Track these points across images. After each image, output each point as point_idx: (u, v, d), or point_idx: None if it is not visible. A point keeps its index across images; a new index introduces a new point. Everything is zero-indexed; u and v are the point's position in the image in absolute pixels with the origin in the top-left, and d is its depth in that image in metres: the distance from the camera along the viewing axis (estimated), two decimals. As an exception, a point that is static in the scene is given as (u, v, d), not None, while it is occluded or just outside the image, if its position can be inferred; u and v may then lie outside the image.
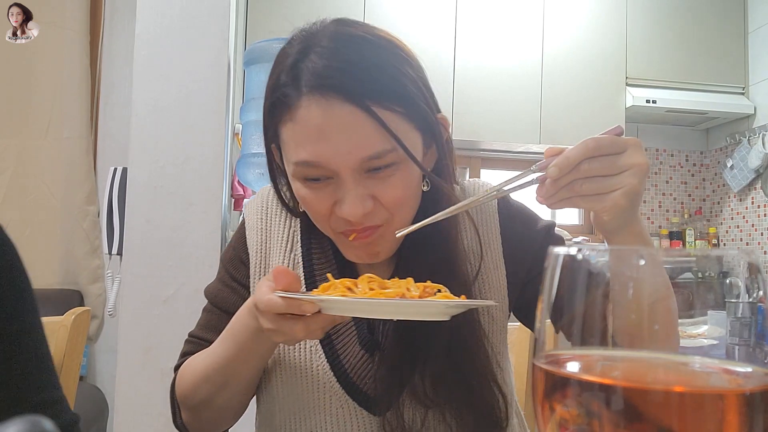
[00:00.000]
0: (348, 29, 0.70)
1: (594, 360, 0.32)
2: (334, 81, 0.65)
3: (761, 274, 0.31)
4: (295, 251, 0.83)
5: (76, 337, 1.26)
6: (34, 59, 2.62)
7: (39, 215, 2.58)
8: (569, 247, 0.33)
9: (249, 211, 0.88)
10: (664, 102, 3.34)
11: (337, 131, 0.66)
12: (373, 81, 0.67)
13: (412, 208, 0.74)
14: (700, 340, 0.35)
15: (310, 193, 0.70)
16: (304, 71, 0.67)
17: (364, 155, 0.66)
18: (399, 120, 0.68)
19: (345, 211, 0.68)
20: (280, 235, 0.84)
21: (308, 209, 0.73)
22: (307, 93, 0.66)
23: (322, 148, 0.66)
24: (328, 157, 0.66)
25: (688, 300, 0.32)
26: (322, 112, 0.66)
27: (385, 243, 0.73)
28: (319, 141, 0.66)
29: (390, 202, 0.69)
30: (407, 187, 0.71)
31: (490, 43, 3.28)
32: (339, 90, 0.65)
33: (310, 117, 0.66)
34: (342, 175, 0.67)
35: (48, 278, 2.55)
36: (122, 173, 1.66)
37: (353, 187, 0.68)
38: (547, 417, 0.32)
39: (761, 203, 3.41)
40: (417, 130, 0.71)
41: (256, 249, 0.84)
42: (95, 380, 2.62)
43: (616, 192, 0.59)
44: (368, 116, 0.65)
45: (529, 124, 3.29)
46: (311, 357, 0.77)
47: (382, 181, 0.69)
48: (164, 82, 1.63)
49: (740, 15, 3.55)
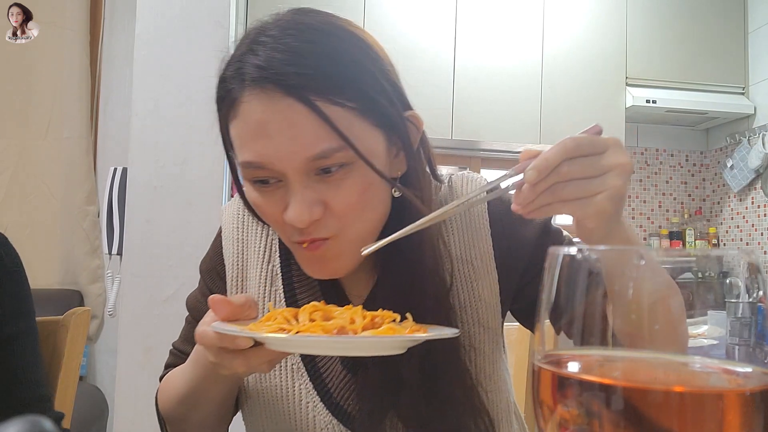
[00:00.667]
0: (301, 18, 0.64)
1: (594, 360, 0.32)
2: (274, 72, 0.59)
3: (761, 274, 0.31)
4: (273, 262, 0.78)
5: (76, 337, 1.26)
6: (34, 59, 2.62)
7: (39, 215, 2.58)
8: (569, 247, 0.33)
9: (225, 219, 0.82)
10: (664, 102, 3.34)
11: (279, 128, 0.60)
12: (319, 72, 0.60)
13: (372, 219, 0.67)
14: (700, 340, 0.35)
15: (260, 197, 0.65)
16: (247, 63, 0.61)
17: (308, 155, 0.60)
18: (350, 116, 0.61)
19: (289, 215, 0.61)
20: (258, 245, 0.79)
21: (261, 215, 0.68)
22: (249, 86, 0.61)
23: (264, 147, 0.61)
24: (270, 156, 0.61)
25: (688, 300, 0.32)
26: (263, 108, 0.60)
27: (341, 258, 0.66)
28: (260, 139, 0.61)
29: (342, 209, 0.63)
30: (362, 192, 0.63)
31: (490, 43, 3.28)
32: (279, 82, 0.59)
33: (251, 113, 0.61)
34: (289, 176, 0.61)
35: (48, 278, 2.55)
36: (122, 173, 1.67)
37: (300, 190, 0.61)
38: (547, 417, 0.32)
39: (761, 203, 3.41)
40: (377, 129, 0.65)
41: (232, 261, 0.80)
42: (95, 380, 2.62)
43: (601, 195, 0.54)
44: (311, 111, 0.59)
45: (529, 124, 3.29)
46: (294, 376, 0.75)
47: (334, 186, 0.62)
48: (164, 82, 1.63)
49: (740, 15, 3.55)
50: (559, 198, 0.55)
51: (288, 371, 0.75)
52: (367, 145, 0.63)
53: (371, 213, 0.66)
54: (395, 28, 3.12)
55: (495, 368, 0.77)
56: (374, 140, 0.64)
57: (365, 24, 3.09)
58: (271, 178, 0.63)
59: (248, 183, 0.66)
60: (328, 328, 0.54)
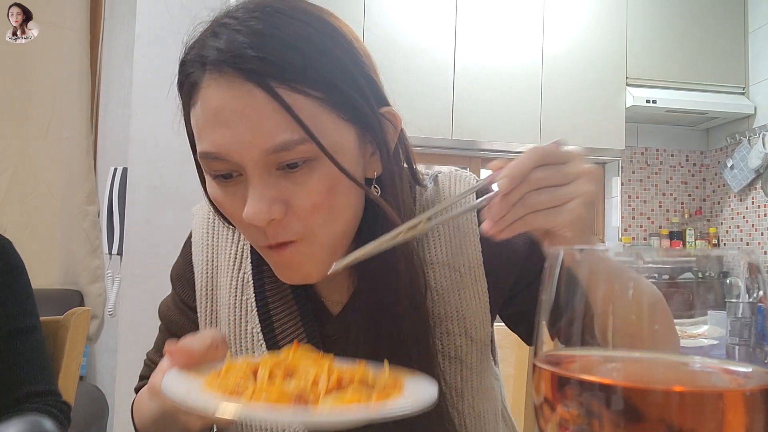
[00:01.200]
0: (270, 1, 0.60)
1: (594, 360, 0.32)
2: (234, 56, 0.55)
3: (761, 274, 0.31)
4: (245, 270, 0.72)
5: (76, 337, 1.26)
6: (34, 59, 2.62)
7: (39, 215, 2.58)
8: (569, 247, 0.33)
9: (195, 222, 0.77)
10: (664, 102, 3.34)
11: (237, 116, 0.55)
12: (282, 58, 0.55)
13: (342, 222, 0.61)
14: (700, 340, 0.35)
15: (222, 194, 0.60)
16: (208, 46, 0.57)
17: (267, 146, 0.55)
18: (315, 107, 0.56)
19: (246, 212, 0.56)
20: (228, 251, 0.74)
21: (225, 214, 0.63)
22: (209, 70, 0.56)
23: (222, 137, 0.56)
24: (227, 147, 0.56)
25: (688, 300, 0.32)
26: (221, 94, 0.56)
27: (311, 262, 0.61)
28: (218, 128, 0.56)
29: (304, 209, 0.58)
30: (328, 191, 0.58)
31: (490, 44, 3.28)
32: (238, 67, 0.55)
33: (209, 99, 0.56)
34: (247, 170, 0.57)
35: (48, 278, 2.55)
36: (122, 173, 1.67)
37: (259, 185, 0.56)
38: (548, 417, 0.32)
39: (761, 203, 3.41)
40: (348, 123, 0.60)
41: (201, 268, 0.75)
42: (95, 380, 2.63)
43: (575, 201, 0.52)
44: (272, 99, 0.55)
45: (529, 124, 3.29)
46: None
47: (297, 184, 0.57)
48: (164, 82, 1.63)
49: (740, 15, 3.55)
50: (532, 207, 0.52)
51: None
52: (334, 140, 0.58)
53: (340, 215, 0.61)
54: (395, 28, 3.12)
55: (482, 378, 0.74)
56: (343, 136, 0.59)
57: (365, 24, 3.09)
58: (232, 172, 0.58)
59: (209, 177, 0.61)
60: (286, 395, 0.48)
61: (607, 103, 3.35)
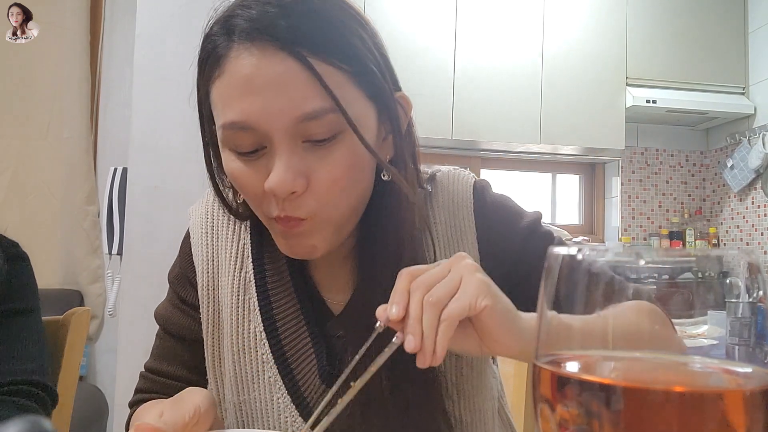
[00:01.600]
0: None
1: (594, 360, 0.32)
2: (267, 25, 0.56)
3: (761, 274, 0.31)
4: (246, 269, 0.73)
5: (76, 337, 1.26)
6: (34, 59, 2.62)
7: (39, 215, 2.58)
8: (569, 247, 0.33)
9: (193, 222, 0.78)
10: (664, 102, 3.34)
11: (268, 84, 0.56)
12: (314, 30, 0.57)
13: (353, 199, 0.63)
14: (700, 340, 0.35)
15: (241, 167, 0.60)
16: (238, 17, 0.58)
17: (297, 113, 0.56)
18: (343, 80, 0.58)
19: (271, 181, 0.57)
20: (229, 250, 0.74)
21: (240, 189, 0.63)
22: (238, 42, 0.57)
23: (251, 104, 0.56)
24: (257, 114, 0.56)
25: (688, 300, 0.32)
26: (252, 62, 0.56)
27: (316, 237, 0.63)
28: (247, 95, 0.56)
29: (324, 185, 0.59)
30: (349, 167, 0.59)
31: (490, 44, 3.28)
32: (271, 36, 0.56)
33: (239, 68, 0.57)
34: (275, 139, 0.57)
35: (48, 278, 2.55)
36: (122, 173, 1.67)
37: (286, 155, 0.57)
38: (547, 417, 0.32)
39: (761, 203, 3.41)
40: (369, 101, 0.61)
41: (202, 268, 0.75)
42: (95, 380, 2.63)
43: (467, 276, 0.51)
44: (304, 69, 0.56)
45: (529, 124, 3.29)
46: (272, 389, 0.70)
47: (320, 158, 0.58)
48: (164, 82, 1.63)
49: (740, 15, 3.55)
50: (439, 305, 0.50)
51: (266, 384, 0.71)
52: (359, 114, 0.59)
53: (354, 192, 0.62)
54: (395, 28, 3.12)
55: (480, 376, 0.74)
56: (366, 112, 0.61)
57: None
58: (255, 146, 0.59)
59: (228, 152, 0.61)
60: None
61: (607, 103, 3.35)
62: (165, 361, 0.76)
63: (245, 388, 0.72)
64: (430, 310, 0.50)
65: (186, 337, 0.75)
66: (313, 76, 0.56)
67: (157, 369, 0.77)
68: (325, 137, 0.58)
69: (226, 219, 0.76)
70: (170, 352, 0.76)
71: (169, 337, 0.77)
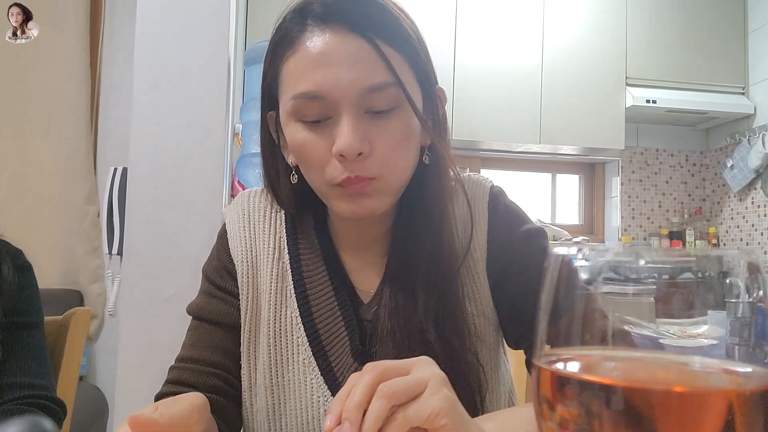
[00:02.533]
0: None
1: (594, 360, 0.32)
2: (341, 11, 0.66)
3: (761, 274, 0.31)
4: (283, 259, 0.79)
5: (76, 337, 1.26)
6: (34, 59, 2.62)
7: (39, 215, 2.58)
8: (569, 247, 0.33)
9: (230, 219, 0.84)
10: (664, 102, 3.34)
11: (340, 59, 0.65)
12: (380, 17, 0.67)
13: (406, 169, 0.71)
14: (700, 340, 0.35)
15: (309, 135, 0.67)
16: (309, 9, 0.67)
17: (365, 84, 0.65)
18: (402, 63, 0.68)
19: (341, 143, 0.64)
20: (266, 243, 0.80)
21: (304, 156, 0.69)
22: (312, 25, 0.66)
23: (324, 76, 0.65)
24: (330, 85, 0.65)
25: (688, 300, 0.32)
26: (328, 40, 0.66)
27: (380, 197, 0.70)
28: (321, 68, 0.65)
29: (384, 150, 0.67)
30: (404, 137, 0.68)
31: (490, 44, 3.28)
32: (345, 20, 0.65)
33: (315, 45, 0.66)
34: (341, 108, 0.65)
35: (48, 278, 2.55)
36: (122, 173, 1.67)
37: (352, 121, 0.65)
38: (548, 417, 0.32)
39: (761, 203, 3.41)
40: (419, 86, 0.70)
41: (241, 259, 0.80)
42: (95, 380, 2.62)
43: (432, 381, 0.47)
44: (372, 48, 0.65)
45: (529, 124, 3.29)
46: (305, 370, 0.74)
47: (380, 127, 0.67)
48: (164, 82, 1.63)
49: (740, 15, 3.55)
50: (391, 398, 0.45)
51: (300, 366, 0.74)
52: (413, 92, 0.68)
53: (407, 161, 0.70)
54: (395, 28, 3.11)
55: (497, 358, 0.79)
56: (416, 94, 0.69)
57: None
58: (321, 117, 0.67)
59: (294, 123, 0.68)
60: None
61: (607, 103, 3.35)
62: (199, 348, 0.78)
63: (280, 370, 0.75)
64: (381, 400, 0.45)
65: (222, 322, 0.79)
66: (379, 55, 0.65)
67: (190, 356, 0.78)
68: (384, 109, 0.67)
69: (262, 216, 0.82)
70: (205, 339, 0.79)
71: (204, 324, 0.80)
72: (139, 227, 1.59)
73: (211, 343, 0.78)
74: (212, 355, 0.77)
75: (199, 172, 1.62)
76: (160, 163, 1.61)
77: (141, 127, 1.62)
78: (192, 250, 1.58)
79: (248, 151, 1.77)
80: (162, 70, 1.63)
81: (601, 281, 0.32)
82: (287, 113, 0.69)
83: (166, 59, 1.63)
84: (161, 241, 1.58)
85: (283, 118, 0.70)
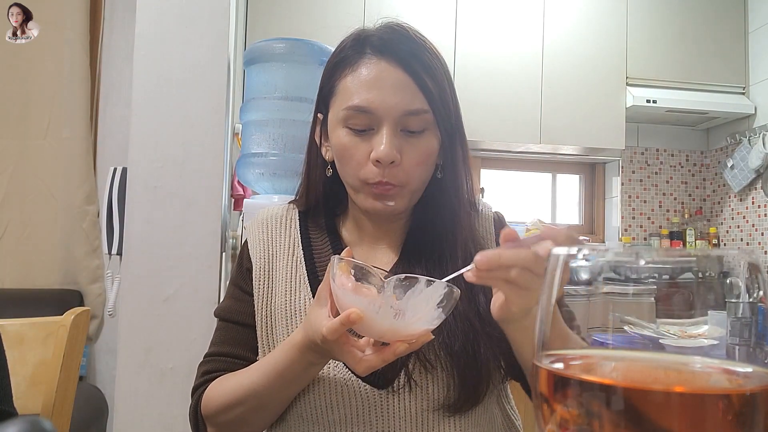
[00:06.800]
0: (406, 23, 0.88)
1: (594, 360, 0.32)
2: (394, 47, 0.82)
3: (761, 274, 0.31)
4: (297, 254, 0.91)
5: (75, 337, 1.26)
6: (34, 59, 2.62)
7: (39, 215, 2.58)
8: (569, 247, 0.33)
9: (251, 230, 0.96)
10: (664, 102, 3.34)
11: (389, 85, 0.80)
12: (422, 58, 0.83)
13: (424, 180, 0.86)
14: (700, 340, 0.35)
15: (353, 139, 0.82)
16: (368, 41, 0.83)
17: (405, 108, 0.80)
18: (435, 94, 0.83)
19: (381, 151, 0.79)
20: (283, 244, 0.92)
21: (346, 156, 0.83)
22: (370, 54, 0.82)
23: (375, 96, 0.80)
24: (377, 103, 0.80)
25: (689, 300, 0.32)
26: (381, 69, 0.81)
27: (400, 199, 0.84)
28: (372, 89, 0.80)
29: (410, 164, 0.81)
30: (428, 154, 0.83)
31: (490, 44, 3.28)
32: (396, 55, 0.81)
33: (370, 71, 0.81)
34: (384, 123, 0.80)
35: (48, 278, 2.55)
36: (122, 173, 1.66)
37: (391, 136, 0.80)
38: (548, 417, 0.32)
39: (761, 203, 3.41)
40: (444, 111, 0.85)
41: (259, 256, 0.91)
42: (95, 380, 2.62)
43: None
44: (414, 82, 0.81)
45: (529, 124, 3.29)
46: None
47: (411, 144, 0.82)
48: (164, 82, 1.62)
49: (740, 15, 3.55)
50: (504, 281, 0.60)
51: None
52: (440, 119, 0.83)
53: (426, 173, 0.85)
54: (395, 28, 3.11)
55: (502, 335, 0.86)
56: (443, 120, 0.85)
57: (365, 22, 3.08)
58: (366, 127, 0.81)
59: (342, 129, 0.83)
60: None
61: (607, 103, 3.35)
62: (228, 345, 0.89)
63: None
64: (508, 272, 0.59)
65: (247, 323, 0.89)
66: (419, 87, 0.81)
67: (221, 351, 0.89)
68: (417, 130, 0.82)
69: (279, 223, 0.94)
70: (232, 337, 0.90)
71: (231, 325, 0.91)
72: (138, 227, 1.59)
73: (238, 341, 0.89)
74: (237, 350, 0.88)
75: (198, 172, 1.62)
76: (160, 163, 1.61)
77: (141, 126, 1.62)
78: (191, 250, 1.58)
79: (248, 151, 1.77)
80: (162, 70, 1.62)
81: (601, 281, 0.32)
82: (338, 119, 0.84)
83: (166, 59, 1.63)
84: (161, 241, 1.58)
85: (333, 123, 0.85)
